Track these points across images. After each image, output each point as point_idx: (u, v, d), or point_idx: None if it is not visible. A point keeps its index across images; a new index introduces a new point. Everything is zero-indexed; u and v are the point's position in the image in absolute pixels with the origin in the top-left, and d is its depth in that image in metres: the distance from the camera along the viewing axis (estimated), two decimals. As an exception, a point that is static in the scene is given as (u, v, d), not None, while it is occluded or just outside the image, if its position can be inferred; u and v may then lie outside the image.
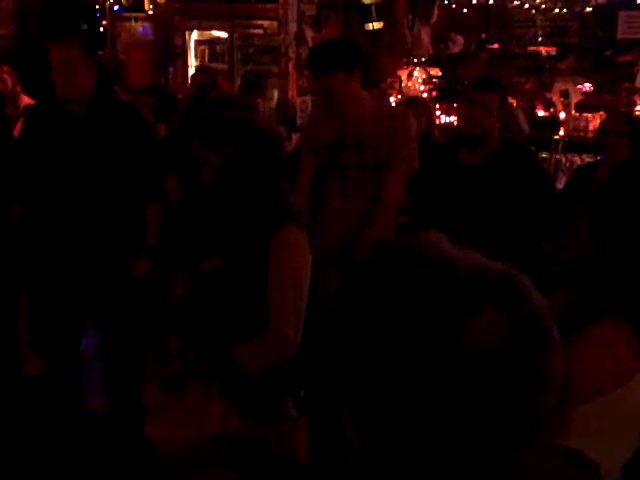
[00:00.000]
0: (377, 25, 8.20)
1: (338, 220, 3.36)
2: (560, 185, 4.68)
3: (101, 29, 9.14)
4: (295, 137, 5.97)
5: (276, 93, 7.96)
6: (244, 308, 2.47)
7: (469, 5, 8.46)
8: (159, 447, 3.67)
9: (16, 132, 4.45)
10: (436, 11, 8.34)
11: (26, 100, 5.35)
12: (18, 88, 5.38)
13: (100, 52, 8.82)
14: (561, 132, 6.35)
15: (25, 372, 3.15)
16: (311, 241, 2.46)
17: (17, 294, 3.15)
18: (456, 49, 8.42)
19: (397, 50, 8.01)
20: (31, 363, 3.16)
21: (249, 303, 2.45)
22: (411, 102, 5.62)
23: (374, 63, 6.91)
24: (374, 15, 8.23)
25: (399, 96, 7.59)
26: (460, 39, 8.38)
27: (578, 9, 7.76)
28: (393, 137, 3.31)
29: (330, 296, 2.97)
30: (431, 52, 8.36)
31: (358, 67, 3.31)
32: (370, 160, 3.32)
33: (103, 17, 9.15)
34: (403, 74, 7.94)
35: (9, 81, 5.24)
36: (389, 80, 7.78)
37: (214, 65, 8.43)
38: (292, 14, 7.98)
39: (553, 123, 6.52)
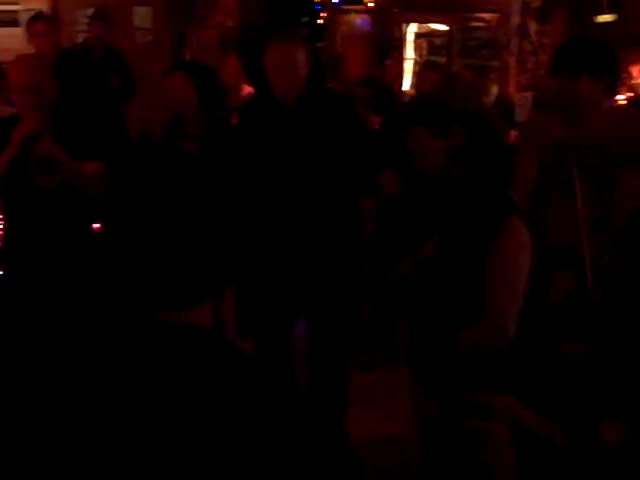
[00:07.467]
0: (609, 17, 7.69)
1: (567, 223, 3.12)
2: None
3: (320, 21, 9.31)
4: (514, 134, 5.72)
5: (495, 88, 7.73)
6: (461, 295, 2.49)
7: None
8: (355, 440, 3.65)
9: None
10: (677, 0, 7.73)
11: (247, 90, 5.49)
12: (242, 79, 5.53)
13: (319, 45, 9.02)
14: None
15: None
16: (533, 237, 2.46)
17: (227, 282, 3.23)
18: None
19: (631, 44, 7.48)
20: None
21: (466, 290, 2.46)
22: None
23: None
24: (606, 7, 7.74)
25: (628, 93, 7.08)
26: None
27: None
28: (632, 137, 3.10)
29: (558, 298, 2.86)
30: (669, 45, 7.76)
31: (607, 74, 3.06)
32: (609, 162, 3.08)
33: (323, 10, 9.32)
34: (635, 69, 7.40)
35: (235, 71, 5.41)
36: (618, 76, 7.29)
37: (433, 58, 8.32)
38: (516, 6, 7.69)
39: None
